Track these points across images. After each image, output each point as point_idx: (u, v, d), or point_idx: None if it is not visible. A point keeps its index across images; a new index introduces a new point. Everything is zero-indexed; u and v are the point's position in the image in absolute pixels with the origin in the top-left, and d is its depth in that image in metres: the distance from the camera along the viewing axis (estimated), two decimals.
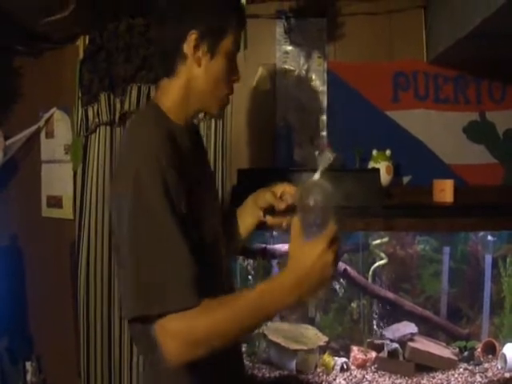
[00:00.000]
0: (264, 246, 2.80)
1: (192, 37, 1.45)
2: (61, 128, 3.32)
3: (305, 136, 2.96)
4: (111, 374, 2.90)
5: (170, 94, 1.52)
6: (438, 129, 2.97)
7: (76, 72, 2.98)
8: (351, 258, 2.88)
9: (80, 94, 2.97)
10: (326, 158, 1.49)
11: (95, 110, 2.90)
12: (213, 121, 2.71)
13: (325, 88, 2.98)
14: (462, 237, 2.93)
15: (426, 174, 2.84)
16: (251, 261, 2.87)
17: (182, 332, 1.24)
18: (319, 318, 2.96)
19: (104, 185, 2.87)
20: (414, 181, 2.94)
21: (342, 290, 2.94)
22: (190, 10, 1.46)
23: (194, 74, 1.50)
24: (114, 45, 2.86)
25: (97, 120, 2.89)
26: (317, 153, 2.73)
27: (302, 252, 1.27)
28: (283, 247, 2.82)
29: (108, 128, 2.90)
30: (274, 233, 2.77)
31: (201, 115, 2.63)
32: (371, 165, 2.76)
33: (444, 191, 2.67)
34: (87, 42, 2.99)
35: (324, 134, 2.95)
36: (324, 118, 2.95)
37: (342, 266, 2.82)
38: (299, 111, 2.97)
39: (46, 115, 3.35)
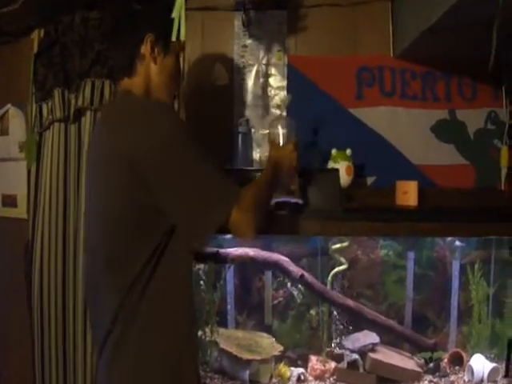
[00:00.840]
0: (216, 250, 2.62)
1: (149, 39, 1.72)
2: (15, 125, 3.14)
3: (263, 134, 2.78)
4: (66, 376, 2.73)
5: (134, 92, 1.72)
6: (405, 127, 2.79)
7: (30, 67, 2.81)
8: (309, 263, 2.69)
9: (34, 90, 2.81)
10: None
11: (49, 107, 2.72)
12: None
13: (285, 83, 2.81)
14: (427, 242, 2.75)
15: (392, 174, 2.66)
16: (202, 265, 2.70)
17: (247, 204, 1.58)
18: (276, 325, 2.77)
19: (58, 183, 2.68)
20: (378, 182, 2.75)
21: (300, 296, 2.75)
22: (145, 17, 1.72)
23: (151, 70, 1.75)
24: (68, 38, 2.68)
25: (51, 117, 2.71)
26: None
27: (278, 149, 2.00)
28: (236, 251, 2.65)
29: (62, 125, 2.71)
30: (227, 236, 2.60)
31: None
32: (330, 165, 2.56)
33: (407, 193, 2.49)
34: (42, 35, 2.82)
35: (283, 131, 2.74)
36: (284, 114, 2.76)
37: (298, 271, 2.63)
38: (257, 108, 2.80)
39: (0, 112, 3.18)
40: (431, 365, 2.70)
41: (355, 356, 2.63)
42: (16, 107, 3.12)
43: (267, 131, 2.66)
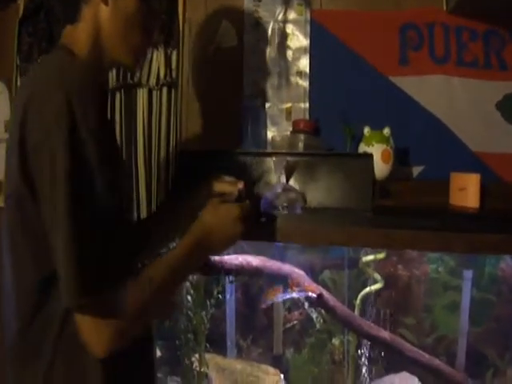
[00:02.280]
0: None
1: None
2: (1, 102, 2.69)
3: (280, 109, 2.18)
4: None
5: (78, 43, 1.28)
6: (462, 103, 2.11)
7: (15, 36, 2.42)
8: (332, 280, 2.06)
9: (18, 62, 2.43)
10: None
11: None
12: (164, 91, 2.10)
13: (307, 44, 2.17)
14: (490, 257, 2.10)
15: (445, 164, 2.00)
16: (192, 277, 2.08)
17: (121, 309, 1.09)
18: (288, 356, 2.15)
19: None
20: (427, 173, 2.08)
21: (321, 321, 2.12)
22: None
23: (101, 14, 1.28)
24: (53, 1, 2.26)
25: None
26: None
27: (210, 210, 1.32)
28: (236, 259, 2.02)
29: None
30: None
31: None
32: (362, 148, 1.94)
33: (465, 190, 1.82)
34: None
35: (305, 106, 2.16)
36: (306, 84, 2.15)
37: (316, 289, 1.99)
38: (273, 76, 2.19)
39: None
40: None
41: None
42: (2, 82, 2.66)
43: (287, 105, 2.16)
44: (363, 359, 2.13)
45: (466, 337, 2.13)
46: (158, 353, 2.29)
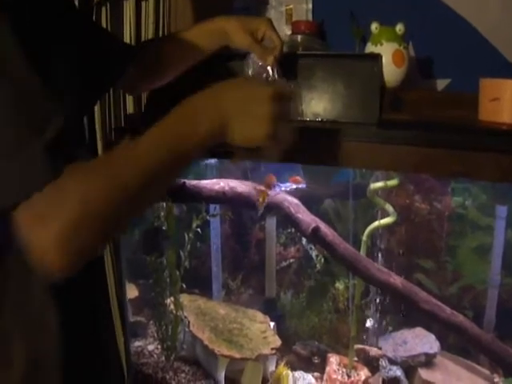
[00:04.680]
0: (182, 181, 1.64)
1: None
2: None
3: (279, 11, 1.79)
4: None
5: None
6: (497, 2, 1.63)
7: None
8: (333, 211, 1.69)
9: None
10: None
11: None
12: (151, 3, 1.82)
13: None
14: None
15: (476, 76, 1.58)
16: (162, 204, 1.74)
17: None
18: (282, 301, 1.81)
19: None
20: (454, 86, 1.64)
21: (322, 260, 1.76)
22: None
23: None
24: None
25: None
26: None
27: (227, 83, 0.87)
28: (217, 184, 1.68)
29: None
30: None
31: None
32: (369, 49, 1.50)
33: (499, 101, 1.41)
34: None
35: (308, 6, 1.74)
36: None
37: (311, 222, 1.63)
38: None
39: None
40: None
41: (396, 371, 1.63)
42: None
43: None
44: (371, 309, 1.77)
45: (498, 289, 1.72)
46: (136, 293, 2.01)
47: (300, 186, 1.76)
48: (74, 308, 0.94)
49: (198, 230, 1.72)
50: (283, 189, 1.72)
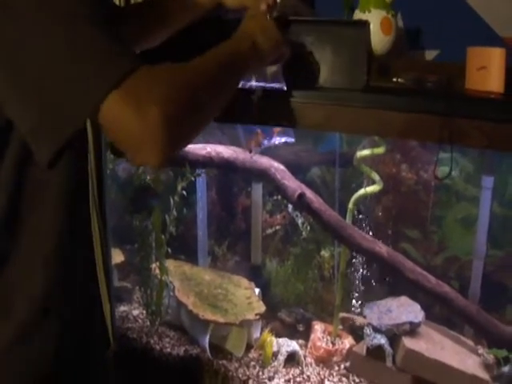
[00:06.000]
0: None
1: None
2: None
3: None
4: None
5: None
6: None
7: None
8: (320, 178, 1.69)
9: None
10: None
11: None
12: None
13: None
14: None
15: (465, 48, 1.55)
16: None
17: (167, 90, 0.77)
18: (268, 267, 1.81)
19: None
20: (443, 58, 1.64)
21: (308, 228, 1.76)
22: None
23: None
24: None
25: None
26: None
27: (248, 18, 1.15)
28: (203, 149, 1.67)
29: None
30: None
31: None
32: (357, 16, 1.50)
33: (486, 70, 1.39)
34: None
35: None
36: None
37: (297, 188, 1.63)
38: None
39: None
40: (506, 369, 1.62)
41: (381, 339, 1.62)
42: None
43: None
44: (356, 277, 1.78)
45: (483, 261, 1.69)
46: (122, 258, 2.01)
47: (288, 140, 1.75)
48: (61, 272, 0.95)
49: (184, 192, 1.73)
50: (273, 142, 1.73)
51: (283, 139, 1.74)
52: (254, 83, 1.39)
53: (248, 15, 1.17)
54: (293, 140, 1.75)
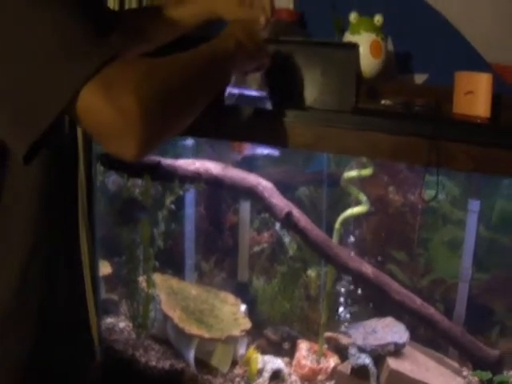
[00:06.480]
0: (157, 160, 1.64)
1: None
2: None
3: None
4: None
5: None
6: (478, 2, 1.64)
7: None
8: (309, 197, 1.69)
9: None
10: None
11: None
12: None
13: None
14: (504, 184, 1.66)
15: (453, 73, 1.50)
16: (138, 181, 1.76)
17: (142, 81, 0.76)
18: (255, 285, 1.82)
19: None
20: (432, 82, 1.67)
21: (294, 246, 1.76)
22: None
23: None
24: None
25: None
26: None
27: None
28: (192, 164, 1.68)
29: None
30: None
31: None
32: (347, 38, 1.54)
33: (473, 95, 1.40)
34: None
35: None
36: None
37: (284, 207, 1.63)
38: None
39: None
40: None
41: (365, 359, 1.61)
42: None
43: None
44: (342, 297, 1.78)
45: (469, 284, 1.69)
46: (109, 270, 2.01)
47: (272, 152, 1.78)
48: (52, 277, 0.95)
49: (172, 206, 1.74)
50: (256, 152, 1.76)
51: (266, 151, 1.76)
52: (235, 90, 1.40)
53: (234, 20, 1.19)
54: (277, 153, 1.76)
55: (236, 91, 1.37)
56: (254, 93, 1.38)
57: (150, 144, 0.76)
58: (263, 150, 1.75)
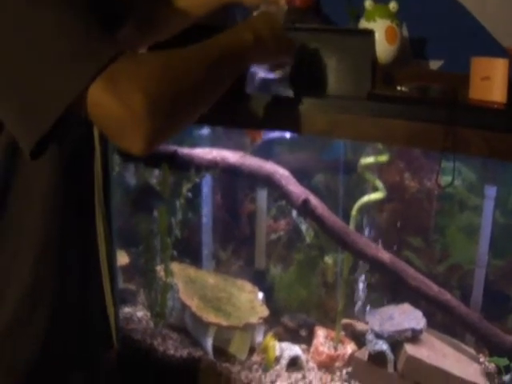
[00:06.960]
0: (174, 149, 1.68)
1: None
2: None
3: None
4: None
5: None
6: None
7: None
8: (325, 184, 1.70)
9: None
10: None
11: None
12: None
13: None
14: None
15: (469, 59, 1.45)
16: (156, 171, 1.77)
17: (146, 78, 0.76)
18: (272, 272, 1.83)
19: None
20: (447, 68, 1.65)
21: (311, 234, 1.78)
22: None
23: None
24: None
25: None
26: None
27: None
28: (209, 153, 1.70)
29: None
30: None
31: None
32: (362, 25, 1.53)
33: (489, 80, 1.41)
34: None
35: None
36: None
37: (301, 194, 1.65)
38: None
39: None
40: (507, 378, 1.61)
41: (383, 345, 1.62)
42: None
43: None
44: (359, 284, 1.79)
45: (485, 270, 1.70)
46: (127, 260, 2.03)
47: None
48: (66, 272, 0.96)
49: (189, 194, 1.75)
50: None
51: (281, 139, 1.78)
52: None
53: (260, 11, 1.21)
54: (292, 140, 1.77)
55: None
56: (271, 75, 1.40)
57: (157, 139, 0.77)
58: (279, 138, 1.77)
